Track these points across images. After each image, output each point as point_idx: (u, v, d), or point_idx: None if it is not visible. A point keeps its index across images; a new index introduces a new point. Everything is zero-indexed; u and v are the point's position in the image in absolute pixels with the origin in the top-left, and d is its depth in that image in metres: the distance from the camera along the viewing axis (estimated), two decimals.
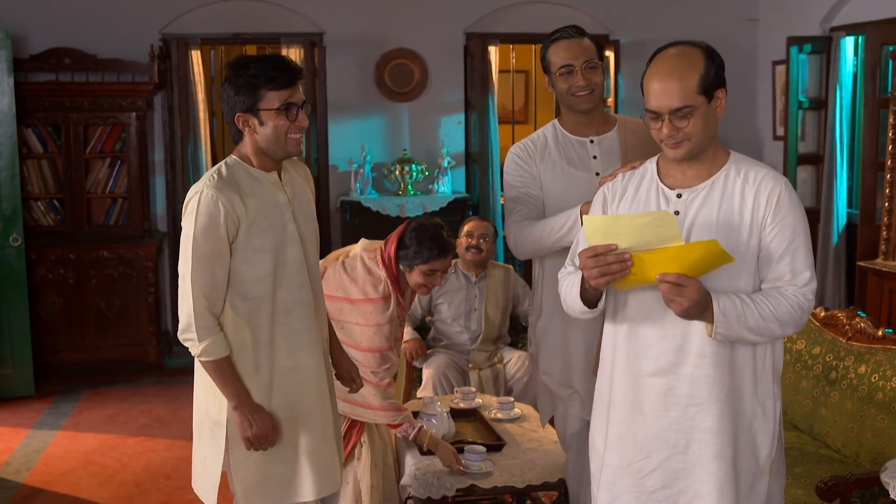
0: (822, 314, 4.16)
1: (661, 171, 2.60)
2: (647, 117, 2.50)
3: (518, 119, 10.01)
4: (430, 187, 7.44)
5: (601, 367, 2.70)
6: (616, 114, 5.45)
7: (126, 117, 6.85)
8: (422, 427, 3.76)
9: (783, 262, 2.47)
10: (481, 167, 7.59)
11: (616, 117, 3.43)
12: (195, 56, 7.16)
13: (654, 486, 2.56)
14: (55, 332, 6.77)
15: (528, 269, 7.04)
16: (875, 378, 3.71)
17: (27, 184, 6.76)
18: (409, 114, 7.55)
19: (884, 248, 5.91)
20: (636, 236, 2.31)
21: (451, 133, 7.63)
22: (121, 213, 7.01)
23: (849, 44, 6.70)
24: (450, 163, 7.45)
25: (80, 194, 6.88)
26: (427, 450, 3.71)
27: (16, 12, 6.86)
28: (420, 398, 4.64)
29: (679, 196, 2.53)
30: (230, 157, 2.92)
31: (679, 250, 2.29)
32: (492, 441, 3.89)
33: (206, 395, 2.94)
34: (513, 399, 4.33)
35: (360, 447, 3.84)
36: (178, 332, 2.85)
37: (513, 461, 3.75)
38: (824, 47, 6.80)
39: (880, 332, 3.84)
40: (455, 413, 4.15)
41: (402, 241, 3.67)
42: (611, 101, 7.69)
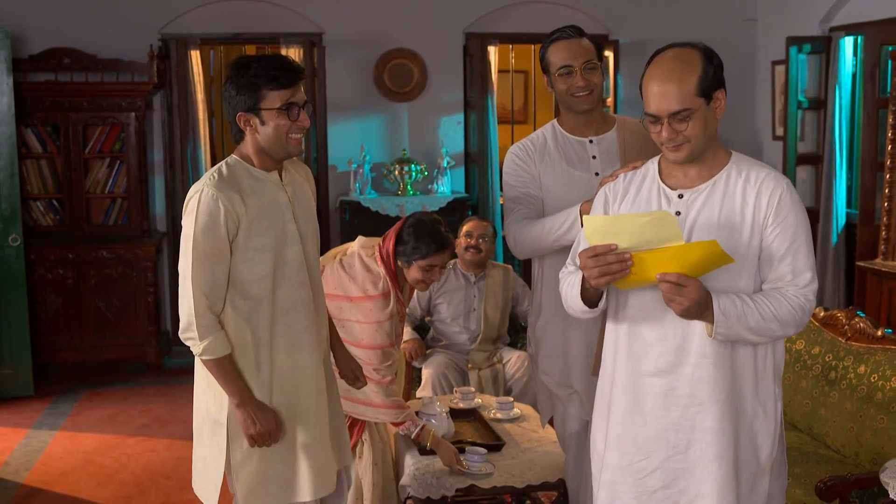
0: (822, 314, 4.16)
1: (662, 171, 2.60)
2: (646, 121, 2.49)
3: (517, 119, 10.01)
4: (430, 187, 7.44)
5: (603, 366, 2.70)
6: (615, 114, 5.45)
7: (125, 117, 6.85)
8: (424, 426, 3.75)
9: (784, 262, 2.46)
10: (480, 167, 7.59)
11: (615, 117, 3.43)
12: (194, 56, 7.16)
13: (655, 486, 2.56)
14: (54, 332, 6.77)
15: (527, 269, 7.05)
16: (874, 378, 3.72)
17: (26, 184, 6.75)
18: (408, 114, 7.55)
19: (883, 248, 5.91)
20: (636, 236, 2.31)
21: (451, 133, 7.63)
22: (120, 213, 7.01)
23: (848, 44, 6.70)
24: (449, 163, 7.45)
25: (80, 194, 6.88)
26: (429, 449, 3.71)
27: (15, 12, 6.85)
28: (419, 398, 4.64)
29: (680, 196, 2.53)
30: (231, 156, 2.92)
31: (679, 250, 2.29)
32: (491, 441, 3.89)
33: (206, 394, 2.95)
34: (512, 399, 4.33)
35: (361, 445, 3.84)
36: (180, 331, 2.85)
37: (512, 461, 3.75)
38: (823, 47, 6.80)
39: (880, 332, 3.84)
40: (454, 413, 4.15)
41: (401, 237, 3.66)
42: (610, 101, 7.69)
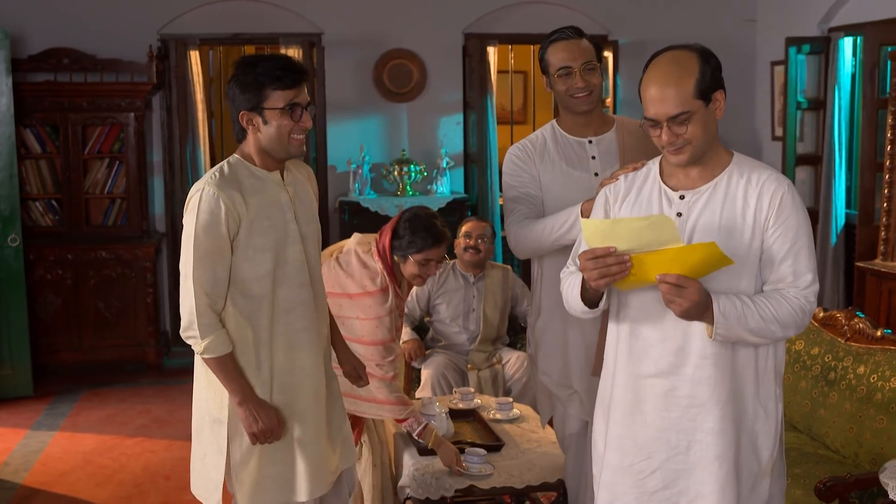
0: (821, 315, 4.16)
1: (663, 171, 2.59)
2: (645, 125, 2.49)
3: (516, 119, 10.00)
4: (429, 188, 7.43)
5: (604, 367, 2.70)
6: (614, 114, 5.45)
7: (124, 117, 6.85)
8: (427, 425, 3.74)
9: (785, 263, 2.46)
10: (480, 168, 7.59)
11: (614, 118, 3.43)
12: (194, 56, 7.16)
13: (655, 486, 2.56)
14: (53, 333, 6.76)
15: (526, 270, 7.04)
16: (874, 378, 3.72)
17: (25, 184, 6.75)
18: (407, 114, 7.55)
19: (882, 248, 5.91)
20: (635, 239, 2.31)
21: (450, 133, 7.63)
22: (119, 214, 7.01)
23: (847, 44, 6.70)
24: (448, 163, 7.44)
25: (79, 195, 6.88)
26: (430, 448, 3.71)
27: (14, 12, 6.85)
28: (419, 399, 4.64)
29: (682, 197, 2.53)
30: (233, 155, 2.93)
31: (679, 252, 2.29)
32: (490, 442, 3.89)
33: (206, 392, 2.95)
34: (511, 400, 4.33)
35: (360, 447, 3.83)
36: (181, 330, 2.85)
37: (511, 462, 3.75)
38: (823, 48, 6.80)
39: (879, 333, 3.84)
40: (454, 414, 4.15)
41: (397, 232, 3.65)
42: (609, 101, 7.69)
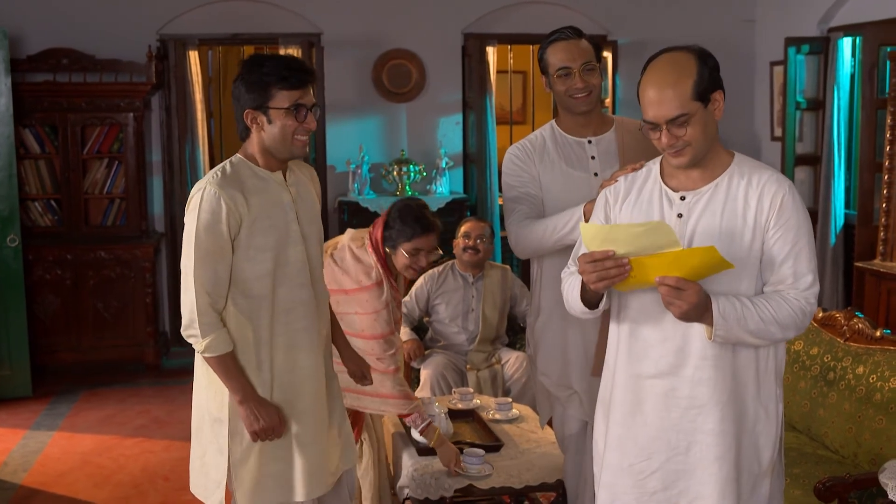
0: (821, 315, 4.16)
1: (664, 172, 2.59)
2: (645, 128, 2.49)
3: (516, 120, 10.01)
4: (428, 188, 7.43)
5: (605, 367, 2.69)
6: (614, 114, 5.45)
7: (123, 118, 6.84)
8: (431, 422, 3.74)
9: (786, 265, 2.46)
10: (479, 168, 7.59)
11: (613, 118, 3.43)
12: (193, 56, 7.15)
13: (655, 487, 2.56)
14: (52, 333, 6.76)
15: (525, 270, 7.04)
16: (873, 379, 3.72)
17: (24, 184, 6.75)
18: (406, 114, 7.55)
19: (881, 248, 5.92)
20: (633, 244, 2.32)
21: (449, 134, 7.63)
22: (118, 214, 7.00)
23: (846, 44, 6.70)
24: (447, 163, 7.44)
25: (78, 195, 6.87)
26: (431, 447, 3.70)
27: (13, 12, 6.85)
28: (418, 399, 4.64)
29: (682, 198, 2.53)
30: (235, 155, 2.94)
31: (678, 255, 2.29)
32: (489, 442, 3.89)
33: (206, 391, 2.95)
34: (511, 400, 4.33)
35: (360, 445, 3.83)
36: (182, 329, 2.86)
37: (511, 462, 3.75)
38: (822, 48, 6.81)
39: (878, 333, 3.84)
40: (453, 414, 4.15)
41: (387, 223, 3.67)
42: (608, 101, 7.69)
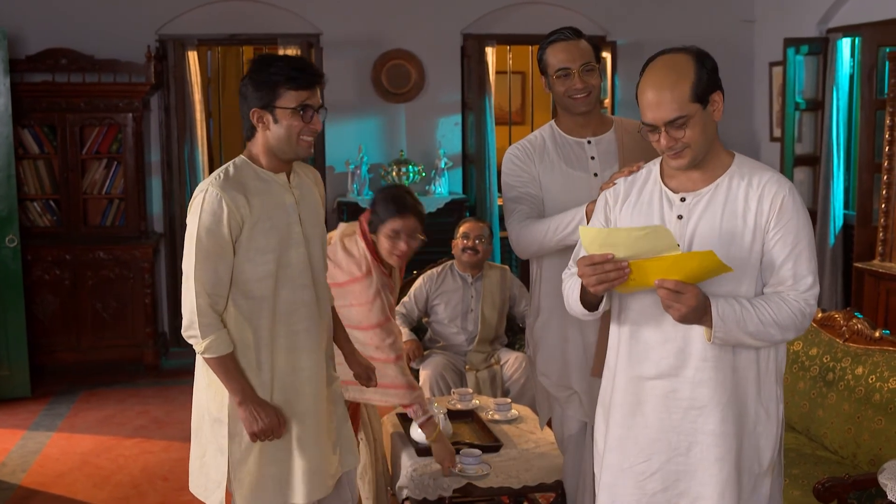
0: (820, 315, 4.16)
1: (664, 173, 2.59)
2: (644, 130, 2.49)
3: (515, 120, 10.02)
4: (427, 188, 7.43)
5: (605, 368, 2.70)
6: (613, 115, 5.46)
7: (122, 118, 6.84)
8: (432, 417, 3.73)
9: (786, 266, 2.46)
10: (478, 168, 7.59)
11: (613, 118, 3.43)
12: (192, 57, 7.15)
13: (655, 488, 2.56)
14: (51, 333, 6.75)
15: (524, 270, 7.04)
16: (872, 379, 3.72)
17: (23, 184, 6.74)
18: (405, 115, 7.55)
19: (880, 249, 5.92)
20: (632, 248, 2.32)
21: (448, 134, 7.63)
22: (117, 214, 7.00)
23: (845, 45, 6.70)
24: (447, 164, 7.44)
25: (77, 195, 6.87)
26: (429, 443, 3.69)
27: (12, 12, 6.84)
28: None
29: (683, 200, 2.53)
30: (239, 156, 2.94)
31: (677, 259, 2.30)
32: (488, 442, 3.89)
33: (206, 392, 2.95)
34: (510, 400, 4.33)
35: (358, 443, 3.83)
36: (182, 329, 2.86)
37: (509, 462, 3.75)
38: (821, 48, 6.81)
39: (877, 334, 3.84)
40: (452, 414, 4.15)
41: (371, 209, 3.69)
42: (607, 102, 7.69)
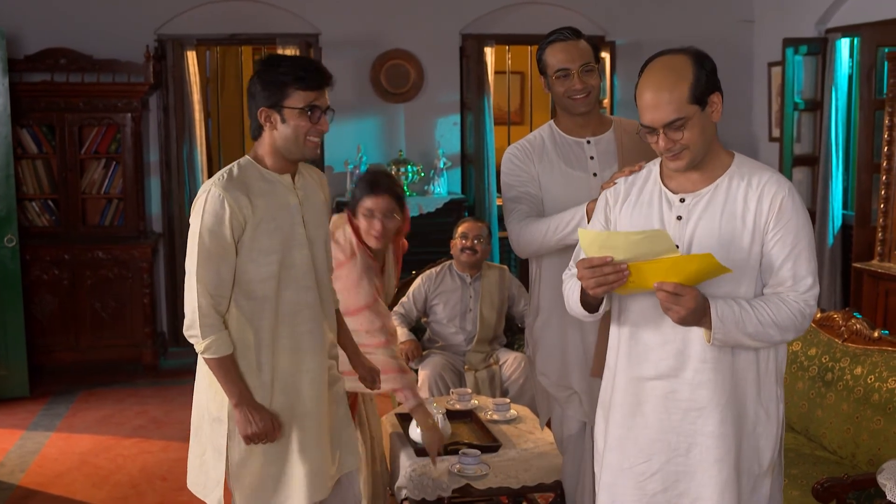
0: (819, 315, 4.16)
1: (664, 173, 2.59)
2: (642, 132, 2.49)
3: (514, 120, 10.02)
4: (426, 188, 7.43)
5: (606, 368, 2.70)
6: (612, 115, 5.46)
7: (121, 118, 6.83)
8: (423, 403, 3.72)
9: (785, 267, 2.46)
10: (477, 168, 7.59)
11: (612, 118, 3.43)
12: (191, 56, 7.15)
13: (655, 489, 2.56)
14: (50, 333, 6.74)
15: (523, 270, 7.04)
16: (871, 379, 3.72)
17: (22, 184, 6.73)
18: (404, 115, 7.55)
19: (879, 249, 5.92)
20: (631, 250, 2.33)
21: (447, 134, 7.63)
22: (116, 214, 6.99)
23: (844, 45, 6.71)
24: (445, 164, 7.44)
25: (75, 195, 6.86)
26: (418, 429, 3.69)
27: (11, 12, 6.84)
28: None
29: (682, 200, 2.53)
30: (244, 157, 2.94)
31: (676, 262, 2.30)
32: (487, 442, 3.89)
33: (207, 391, 2.95)
34: (509, 400, 4.33)
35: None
36: (184, 328, 2.87)
37: (508, 462, 3.75)
38: (820, 49, 6.81)
39: (876, 334, 3.84)
40: (451, 414, 4.15)
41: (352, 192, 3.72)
42: (606, 102, 7.69)
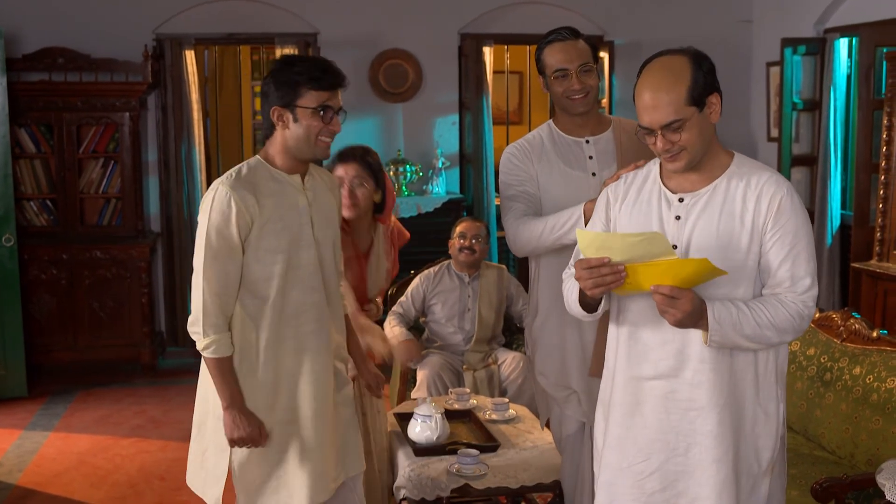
0: (817, 315, 4.16)
1: (663, 173, 2.59)
2: (640, 132, 2.49)
3: (512, 120, 10.01)
4: (425, 188, 7.43)
5: (605, 368, 2.70)
6: (611, 115, 5.46)
7: (119, 117, 6.83)
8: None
9: (783, 268, 2.46)
10: (476, 168, 7.59)
11: (611, 118, 3.43)
12: (189, 56, 7.14)
13: (654, 488, 2.56)
14: (48, 333, 6.73)
15: (522, 270, 7.04)
16: (870, 379, 3.72)
17: (20, 184, 6.73)
18: (403, 114, 7.54)
19: (878, 249, 5.91)
20: (628, 253, 2.33)
21: (446, 134, 7.63)
22: (114, 214, 6.98)
23: (843, 45, 6.71)
24: (444, 163, 7.44)
25: (73, 194, 6.86)
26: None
27: (10, 12, 6.83)
28: (414, 399, 4.63)
29: (681, 200, 2.52)
30: (254, 156, 2.95)
31: (671, 265, 2.31)
32: (486, 442, 3.89)
33: (211, 388, 2.95)
34: (507, 400, 4.33)
35: None
36: (188, 323, 2.88)
37: (507, 462, 3.74)
38: (818, 49, 6.81)
39: (875, 334, 3.84)
40: (450, 414, 4.15)
41: None
42: (605, 102, 7.69)
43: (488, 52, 7.51)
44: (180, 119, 7.17)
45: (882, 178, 5.94)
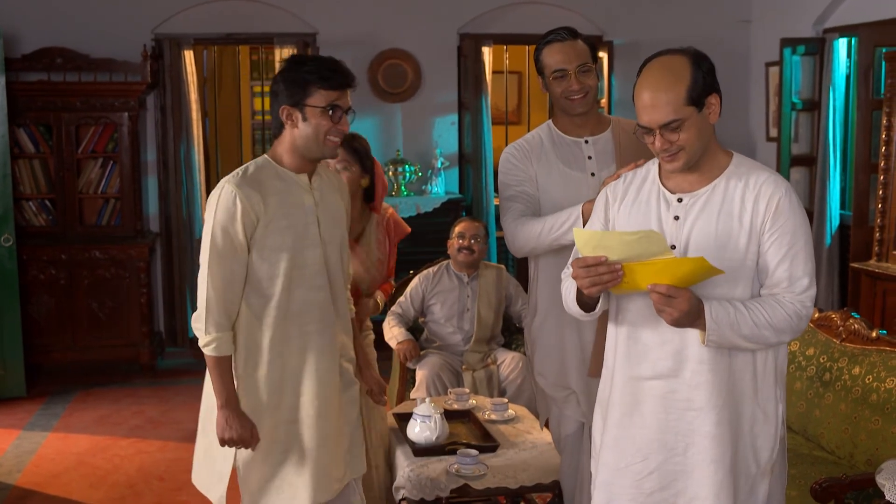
0: (817, 315, 4.16)
1: (662, 173, 2.59)
2: (639, 132, 2.49)
3: (511, 120, 10.00)
4: (424, 188, 7.43)
5: (604, 368, 2.70)
6: (610, 115, 5.46)
7: (118, 117, 6.82)
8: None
9: (781, 268, 2.45)
10: (475, 168, 7.58)
11: (610, 118, 3.43)
12: (188, 56, 7.14)
13: (652, 487, 2.56)
14: (47, 333, 6.73)
15: (521, 270, 7.04)
16: (869, 379, 3.71)
17: (19, 184, 6.73)
18: (402, 114, 7.54)
19: (877, 249, 5.92)
20: (625, 251, 2.33)
21: (445, 134, 7.63)
22: (113, 214, 6.98)
23: (842, 45, 6.71)
24: (443, 163, 7.44)
25: (72, 194, 6.85)
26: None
27: (9, 11, 6.83)
28: (413, 399, 4.63)
29: (680, 200, 2.52)
30: (262, 155, 2.96)
31: (668, 264, 2.31)
32: (485, 442, 3.89)
33: None
34: (506, 400, 4.33)
35: None
36: (192, 319, 2.90)
37: (506, 462, 3.74)
38: (817, 49, 6.82)
39: (874, 334, 3.84)
40: (449, 414, 4.15)
41: None
42: (604, 102, 7.69)
43: (487, 52, 7.51)
44: (179, 119, 7.16)
45: (881, 178, 5.94)
